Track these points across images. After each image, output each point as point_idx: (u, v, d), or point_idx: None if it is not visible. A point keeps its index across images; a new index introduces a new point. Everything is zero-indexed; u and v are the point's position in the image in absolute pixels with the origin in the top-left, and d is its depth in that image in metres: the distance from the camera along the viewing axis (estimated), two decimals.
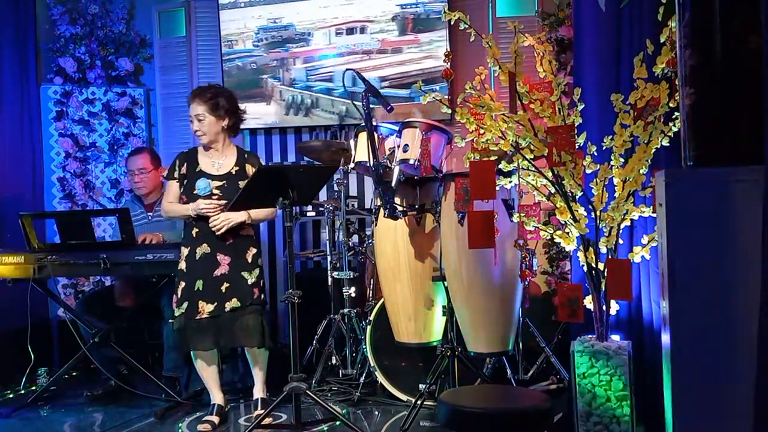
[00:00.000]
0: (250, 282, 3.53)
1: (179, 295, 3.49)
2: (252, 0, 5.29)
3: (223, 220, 3.45)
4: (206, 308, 3.45)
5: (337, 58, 5.15)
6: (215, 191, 3.52)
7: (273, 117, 5.29)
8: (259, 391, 3.63)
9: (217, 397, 3.58)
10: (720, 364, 1.82)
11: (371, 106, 3.32)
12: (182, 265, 3.53)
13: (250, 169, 3.57)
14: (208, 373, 3.58)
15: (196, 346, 3.48)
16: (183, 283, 3.50)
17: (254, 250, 3.60)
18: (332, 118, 5.17)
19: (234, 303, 3.47)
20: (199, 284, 3.47)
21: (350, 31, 5.11)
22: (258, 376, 3.63)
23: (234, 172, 3.56)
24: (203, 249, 3.50)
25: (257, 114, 5.25)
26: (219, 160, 3.58)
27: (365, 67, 4.95)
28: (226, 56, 5.35)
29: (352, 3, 5.10)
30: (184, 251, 3.54)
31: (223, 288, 3.47)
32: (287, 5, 5.24)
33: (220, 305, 3.46)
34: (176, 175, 3.59)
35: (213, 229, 3.46)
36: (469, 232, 2.72)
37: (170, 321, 3.59)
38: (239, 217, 3.47)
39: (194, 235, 3.52)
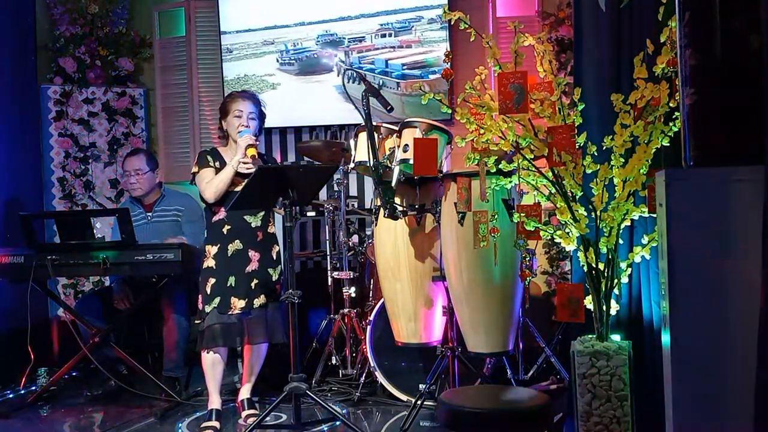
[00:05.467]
0: (273, 278, 3.59)
1: (209, 292, 3.48)
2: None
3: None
4: (238, 304, 3.46)
5: None
6: None
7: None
8: (247, 392, 3.63)
9: (216, 402, 3.54)
10: (720, 364, 1.82)
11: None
12: (210, 263, 3.52)
13: None
14: (216, 374, 3.52)
15: (225, 343, 3.48)
16: (213, 280, 3.49)
17: (277, 248, 3.66)
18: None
19: (262, 300, 3.51)
20: (231, 280, 3.48)
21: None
22: (252, 375, 3.63)
23: None
24: (235, 245, 3.52)
25: None
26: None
27: None
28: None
29: None
30: (212, 249, 3.53)
31: (252, 284, 3.51)
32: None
33: (250, 302, 3.49)
34: (212, 165, 3.56)
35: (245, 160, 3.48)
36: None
37: (197, 321, 3.56)
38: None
39: (225, 233, 3.53)
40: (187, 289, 4.08)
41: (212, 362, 3.51)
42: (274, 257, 3.63)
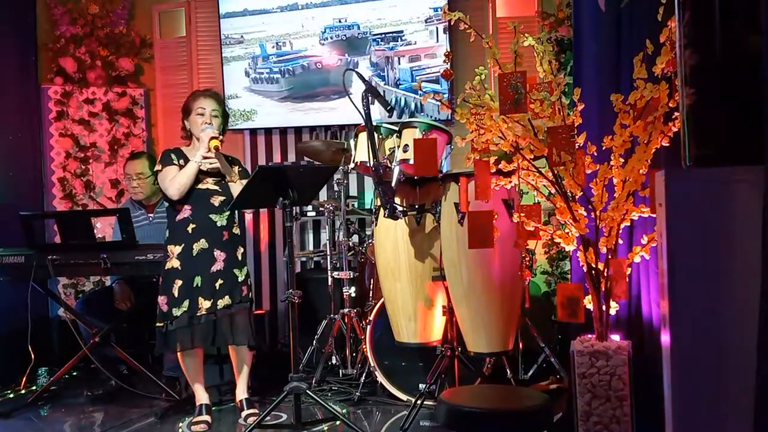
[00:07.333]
0: (239, 279, 3.55)
1: (176, 295, 3.45)
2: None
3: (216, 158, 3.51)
4: (204, 305, 3.45)
5: None
6: (212, 186, 3.54)
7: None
8: (243, 392, 3.62)
9: (203, 397, 3.58)
10: (720, 364, 1.82)
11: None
12: (175, 263, 3.49)
13: (234, 169, 3.62)
14: (196, 372, 3.57)
15: (196, 345, 3.48)
16: (180, 281, 3.46)
17: (242, 249, 3.64)
18: None
19: (226, 300, 3.48)
20: (197, 280, 3.46)
21: None
22: (242, 376, 3.63)
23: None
24: (200, 245, 3.50)
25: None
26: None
27: None
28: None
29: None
30: (176, 249, 3.50)
31: (217, 285, 3.48)
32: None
33: (215, 302, 3.46)
34: (175, 163, 3.55)
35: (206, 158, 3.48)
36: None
37: (158, 325, 3.48)
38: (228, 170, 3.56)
39: (190, 231, 3.51)
40: None
41: (188, 362, 3.54)
42: (240, 258, 3.59)
